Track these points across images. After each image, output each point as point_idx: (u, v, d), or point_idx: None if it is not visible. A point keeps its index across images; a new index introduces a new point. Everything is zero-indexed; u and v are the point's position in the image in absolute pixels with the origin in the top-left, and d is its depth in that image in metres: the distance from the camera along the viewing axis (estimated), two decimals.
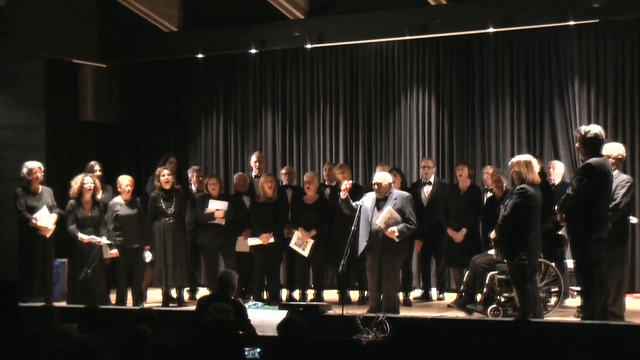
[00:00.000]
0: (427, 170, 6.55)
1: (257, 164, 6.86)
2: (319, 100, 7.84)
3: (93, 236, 5.74)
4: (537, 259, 5.15)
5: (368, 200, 5.32)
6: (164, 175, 6.03)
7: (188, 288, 6.45)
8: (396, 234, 5.13)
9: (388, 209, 5.04)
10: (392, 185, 5.30)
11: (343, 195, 5.34)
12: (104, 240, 5.77)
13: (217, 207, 6.39)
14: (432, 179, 6.54)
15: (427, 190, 6.47)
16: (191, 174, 6.80)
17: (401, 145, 7.43)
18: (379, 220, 5.09)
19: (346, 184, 5.27)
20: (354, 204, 5.29)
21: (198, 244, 6.54)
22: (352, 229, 5.03)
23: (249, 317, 4.07)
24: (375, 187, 5.26)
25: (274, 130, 8.14)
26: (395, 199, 5.26)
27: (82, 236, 5.96)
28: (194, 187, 6.72)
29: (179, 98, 8.31)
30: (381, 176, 5.35)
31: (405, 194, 5.39)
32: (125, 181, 6.32)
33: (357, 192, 5.72)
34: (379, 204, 5.24)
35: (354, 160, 7.71)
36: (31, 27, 6.61)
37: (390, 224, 5.10)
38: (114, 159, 7.41)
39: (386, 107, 7.68)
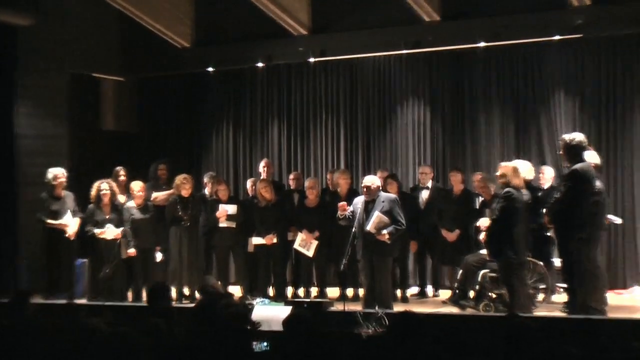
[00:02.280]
0: (424, 175, 6.50)
1: (265, 169, 6.81)
2: (321, 110, 7.82)
3: (108, 226, 5.71)
4: (525, 257, 5.14)
5: (358, 203, 5.28)
6: (183, 183, 6.04)
7: (199, 286, 6.32)
8: (387, 237, 5.08)
9: (377, 215, 4.99)
10: (380, 188, 5.24)
11: (340, 214, 5.31)
12: (113, 230, 5.67)
13: (227, 210, 6.33)
14: (429, 184, 6.46)
15: (424, 194, 6.39)
16: (207, 180, 6.66)
17: (398, 152, 7.43)
18: (369, 225, 5.04)
19: (341, 207, 5.22)
20: (348, 213, 5.21)
21: (211, 245, 6.51)
22: (353, 230, 5.00)
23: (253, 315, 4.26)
24: (364, 189, 5.21)
25: (280, 139, 8.09)
26: (383, 201, 5.20)
27: (97, 230, 5.98)
28: (207, 192, 6.56)
29: (192, 109, 8.29)
30: (369, 179, 5.30)
31: (392, 195, 5.34)
32: (137, 187, 6.33)
33: (355, 198, 5.58)
34: (368, 206, 5.20)
35: (354, 166, 7.65)
36: (57, 44, 6.74)
37: (380, 228, 5.05)
38: (134, 166, 7.12)
39: (384, 116, 7.62)
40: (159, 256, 6.21)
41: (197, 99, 8.26)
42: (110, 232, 5.93)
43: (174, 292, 5.81)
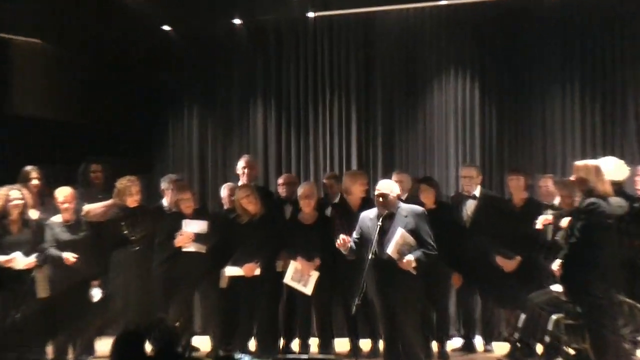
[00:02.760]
0: (469, 180, 6.20)
1: (246, 170, 6.55)
2: (323, 87, 7.54)
3: (17, 254, 5.40)
4: (617, 296, 4.91)
5: (367, 218, 5.08)
6: (129, 187, 5.84)
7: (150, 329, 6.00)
8: (413, 264, 4.84)
9: (400, 233, 4.80)
10: (400, 198, 5.15)
11: (342, 248, 5.10)
12: (24, 259, 5.39)
13: (192, 229, 6.10)
14: (476, 192, 6.17)
15: (469, 205, 6.11)
16: (165, 185, 6.44)
17: (433, 148, 7.14)
18: (390, 248, 4.83)
19: (341, 240, 4.96)
20: (351, 243, 5.00)
21: (171, 277, 6.12)
22: (369, 257, 4.66)
23: None
24: (379, 199, 4.99)
25: (266, 128, 7.82)
26: (406, 216, 4.98)
27: (0, 257, 5.84)
28: (165, 202, 6.38)
29: (142, 87, 7.87)
30: (386, 185, 5.09)
31: (418, 208, 5.12)
32: (63, 196, 5.99)
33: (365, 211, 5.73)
34: (385, 223, 4.94)
35: (370, 167, 7.39)
36: None
37: (404, 252, 4.83)
38: (56, 165, 6.89)
39: (413, 97, 7.39)
40: (96, 294, 5.90)
41: (148, 72, 7.91)
42: (19, 260, 5.53)
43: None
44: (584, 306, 4.75)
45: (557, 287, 5.19)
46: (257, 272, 5.91)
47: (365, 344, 6.04)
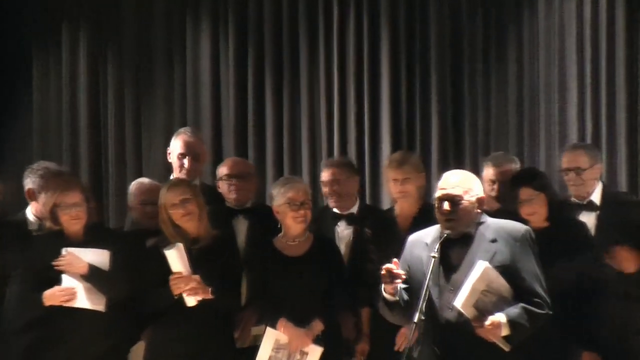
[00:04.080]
0: (577, 175, 5.45)
1: (185, 159, 6.00)
2: (328, 16, 7.13)
3: None
4: None
5: (420, 245, 4.47)
6: None
7: None
8: (504, 330, 4.29)
9: (481, 270, 4.12)
10: (484, 203, 4.31)
11: (389, 288, 4.42)
12: None
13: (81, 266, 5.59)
14: (594, 196, 5.62)
15: (588, 218, 5.37)
16: (32, 182, 5.78)
17: (536, 120, 6.72)
18: (460, 298, 4.14)
19: (389, 269, 4.35)
20: (399, 282, 4.36)
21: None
22: (417, 315, 4.00)
23: None
24: (443, 207, 4.34)
25: (217, 77, 7.49)
26: (494, 240, 4.20)
27: None
28: (32, 213, 5.69)
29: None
30: (458, 180, 4.33)
31: (519, 227, 4.15)
32: None
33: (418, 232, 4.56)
34: (451, 252, 4.50)
35: (419, 151, 6.92)
36: None
37: (487, 308, 4.22)
38: None
39: (485, 37, 6.97)
40: None
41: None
42: None
43: None
44: None
45: None
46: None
47: None
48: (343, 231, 5.94)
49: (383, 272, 4.45)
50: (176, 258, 5.55)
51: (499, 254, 4.42)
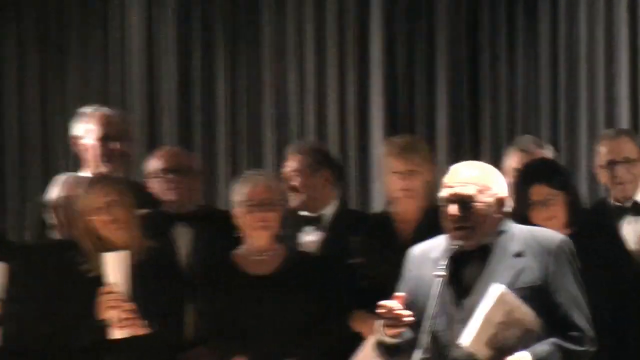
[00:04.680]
0: (624, 170, 5.83)
1: (106, 144, 6.07)
2: None
3: None
4: None
5: (426, 262, 4.27)
6: None
7: None
8: None
9: (498, 294, 3.98)
10: (505, 204, 4.37)
11: (390, 332, 4.31)
12: None
13: None
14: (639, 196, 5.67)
15: (629, 229, 5.77)
16: None
17: (575, 102, 6.98)
18: (469, 335, 3.90)
19: (388, 310, 4.16)
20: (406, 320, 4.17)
21: None
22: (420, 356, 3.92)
23: None
24: (455, 212, 4.21)
25: (150, 41, 7.58)
26: (520, 254, 4.25)
27: None
28: None
29: None
30: (468, 176, 4.34)
31: (553, 237, 4.38)
32: None
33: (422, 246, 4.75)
34: (464, 272, 4.54)
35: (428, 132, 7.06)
36: None
37: (508, 346, 4.38)
38: None
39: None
40: None
41: None
42: None
43: None
44: None
45: None
46: None
47: None
48: (309, 239, 6.08)
49: (382, 310, 4.46)
50: (116, 266, 5.61)
51: (527, 272, 4.48)
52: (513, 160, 6.12)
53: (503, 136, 7.25)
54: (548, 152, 6.44)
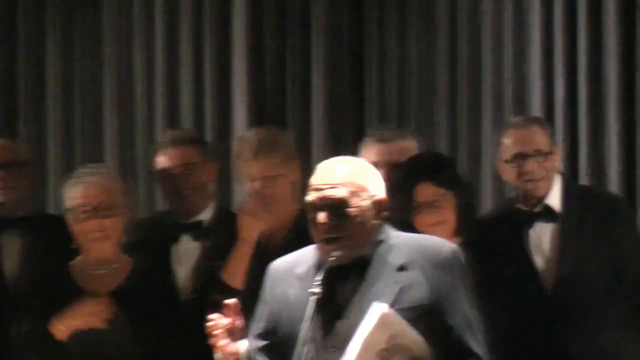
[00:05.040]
0: (535, 165, 5.87)
1: None
2: None
3: None
4: None
5: (292, 279, 4.73)
6: None
7: None
8: None
9: (380, 314, 4.48)
10: (387, 208, 4.54)
11: (228, 353, 4.71)
12: None
13: None
14: (551, 198, 6.04)
15: (538, 237, 6.00)
16: None
17: (480, 91, 7.02)
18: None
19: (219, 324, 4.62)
20: (256, 351, 4.60)
21: None
22: None
23: None
24: (323, 219, 4.42)
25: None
26: (404, 267, 4.52)
27: None
28: None
29: None
30: (340, 174, 4.58)
31: (445, 246, 4.60)
32: None
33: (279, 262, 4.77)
34: (336, 291, 4.59)
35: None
36: None
37: None
38: None
39: None
40: None
41: None
42: None
43: None
44: None
45: None
46: None
47: None
48: (185, 249, 6.01)
49: (211, 327, 4.56)
50: None
51: (412, 289, 4.40)
52: (370, 154, 6.01)
53: (394, 123, 7.06)
54: (411, 143, 6.29)
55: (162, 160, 6.10)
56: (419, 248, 4.53)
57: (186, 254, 6.19)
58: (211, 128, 7.43)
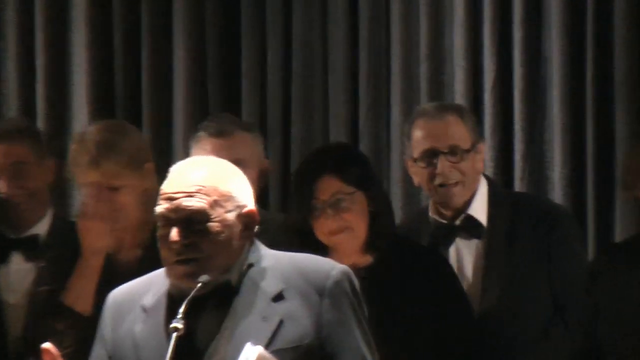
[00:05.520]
0: (455, 161, 5.88)
1: None
2: None
3: None
4: None
5: (135, 308, 4.90)
6: None
7: None
8: None
9: (254, 357, 4.59)
10: (256, 225, 4.68)
11: None
12: None
13: None
14: (478, 201, 6.08)
15: (456, 256, 6.07)
16: None
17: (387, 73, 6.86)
18: None
19: None
20: None
21: None
22: None
23: None
24: (175, 237, 4.63)
25: None
26: (280, 296, 4.63)
27: None
28: None
29: None
30: (196, 178, 4.82)
31: (329, 267, 4.77)
32: None
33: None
34: (196, 326, 4.74)
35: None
36: None
37: None
38: None
39: None
40: None
41: None
42: None
43: None
44: None
45: None
46: None
47: None
48: (17, 270, 5.89)
49: None
50: None
51: (291, 325, 4.31)
52: (203, 151, 5.91)
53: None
54: (254, 137, 6.07)
55: None
56: (299, 271, 4.36)
57: (18, 276, 5.94)
58: (44, 118, 6.93)
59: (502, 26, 6.60)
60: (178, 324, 4.07)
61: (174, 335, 4.10)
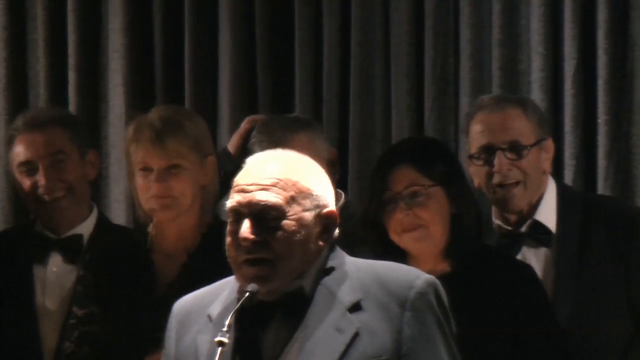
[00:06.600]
0: (515, 158, 5.77)
1: None
2: None
3: None
4: None
5: (203, 318, 4.70)
6: None
7: None
8: None
9: None
10: (335, 231, 4.43)
11: None
12: None
13: None
14: (545, 204, 5.80)
15: (535, 259, 5.80)
16: None
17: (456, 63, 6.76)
18: None
19: None
20: None
21: None
22: None
23: None
24: (247, 234, 4.45)
25: None
26: (357, 306, 4.42)
27: None
28: None
29: None
30: (272, 171, 4.72)
31: (413, 278, 4.54)
32: None
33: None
34: (264, 337, 4.57)
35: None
36: None
37: None
38: None
39: None
40: None
41: None
42: None
43: None
44: None
45: None
46: None
47: None
48: (55, 274, 5.59)
49: None
50: None
51: (367, 338, 4.10)
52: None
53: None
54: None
55: (18, 152, 5.47)
56: (379, 280, 4.10)
57: (55, 279, 5.61)
58: (75, 108, 6.75)
59: (584, 6, 6.19)
60: (223, 337, 3.85)
61: (219, 350, 3.86)
